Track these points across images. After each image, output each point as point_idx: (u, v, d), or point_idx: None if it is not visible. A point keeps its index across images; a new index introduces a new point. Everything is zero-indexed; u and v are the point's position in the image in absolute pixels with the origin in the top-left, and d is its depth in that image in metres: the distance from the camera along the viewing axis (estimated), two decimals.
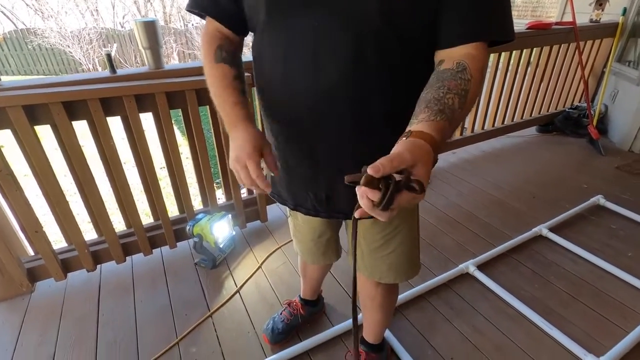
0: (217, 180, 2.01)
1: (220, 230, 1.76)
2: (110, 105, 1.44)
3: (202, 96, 1.59)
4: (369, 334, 1.22)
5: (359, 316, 1.37)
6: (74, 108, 1.38)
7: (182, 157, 1.71)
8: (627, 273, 1.58)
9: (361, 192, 0.47)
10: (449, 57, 0.64)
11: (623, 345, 1.28)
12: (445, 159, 2.70)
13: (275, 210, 2.12)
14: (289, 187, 0.89)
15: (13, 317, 1.52)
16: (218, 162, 1.82)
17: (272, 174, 0.81)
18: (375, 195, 0.47)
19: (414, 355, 1.28)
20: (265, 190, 0.75)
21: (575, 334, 1.35)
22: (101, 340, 1.41)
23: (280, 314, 1.41)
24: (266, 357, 1.29)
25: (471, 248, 1.80)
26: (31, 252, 1.68)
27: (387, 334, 1.35)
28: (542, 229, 1.86)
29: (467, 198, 2.23)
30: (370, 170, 0.45)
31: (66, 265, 1.65)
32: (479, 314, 1.46)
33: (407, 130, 0.56)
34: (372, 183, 0.46)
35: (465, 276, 1.64)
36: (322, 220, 1.00)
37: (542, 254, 1.76)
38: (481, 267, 1.66)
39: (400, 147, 0.51)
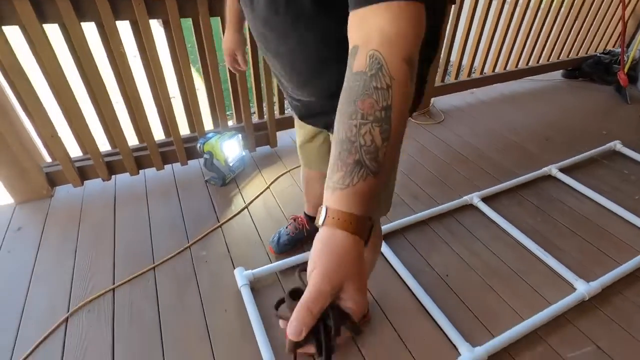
0: (229, 112, 2.00)
1: (230, 149, 1.78)
2: (119, 7, 1.38)
3: (214, 6, 1.52)
4: None
5: None
6: (81, 7, 1.33)
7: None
8: (632, 213, 1.59)
9: (298, 353, 0.39)
10: (363, 42, 0.44)
11: (614, 274, 1.32)
12: (462, 98, 2.61)
13: (285, 137, 2.13)
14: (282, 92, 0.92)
15: (37, 217, 1.62)
16: (229, 79, 1.79)
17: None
18: (312, 349, 0.38)
19: (412, 271, 1.35)
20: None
21: (569, 262, 1.39)
22: (118, 240, 1.51)
23: (286, 227, 1.47)
24: (271, 263, 1.38)
25: (479, 183, 1.81)
26: (49, 160, 1.74)
27: (386, 250, 1.41)
28: (552, 169, 1.84)
29: (481, 138, 2.19)
30: (291, 336, 0.36)
31: (83, 173, 1.71)
32: (477, 240, 1.51)
33: (324, 201, 0.42)
34: (299, 344, 0.37)
35: (469, 207, 1.67)
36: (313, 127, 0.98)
37: (548, 192, 1.76)
38: (485, 199, 1.68)
39: (316, 272, 0.38)
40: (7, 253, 1.46)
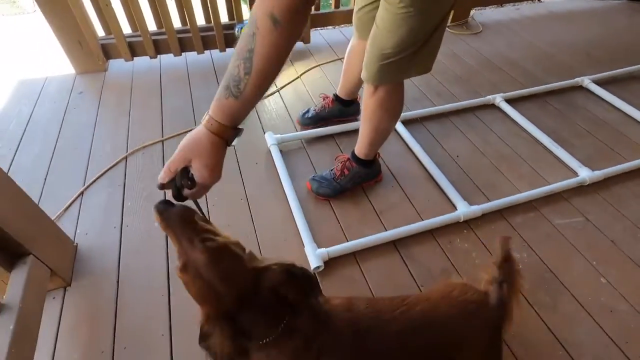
0: None
1: None
2: None
3: None
4: (358, 148, 1.26)
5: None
6: None
7: None
8: None
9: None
10: None
11: (619, 167, 1.38)
12: (506, 13, 2.49)
13: (317, 35, 2.17)
14: None
15: (95, 84, 1.84)
16: None
17: None
18: (171, 191, 0.61)
19: (425, 150, 1.46)
20: None
21: (579, 155, 1.45)
22: (165, 107, 1.70)
23: (315, 105, 1.60)
24: (296, 132, 1.54)
25: (505, 88, 1.83)
26: (103, 34, 1.90)
27: (404, 131, 1.53)
28: (584, 80, 1.82)
29: (516, 49, 2.14)
30: (159, 180, 0.60)
31: (132, 49, 1.87)
32: (492, 133, 1.58)
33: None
34: (164, 186, 0.61)
35: (491, 106, 1.72)
36: None
37: (575, 100, 1.76)
38: (509, 101, 1.71)
39: (179, 147, 0.59)
40: (73, 109, 1.70)
